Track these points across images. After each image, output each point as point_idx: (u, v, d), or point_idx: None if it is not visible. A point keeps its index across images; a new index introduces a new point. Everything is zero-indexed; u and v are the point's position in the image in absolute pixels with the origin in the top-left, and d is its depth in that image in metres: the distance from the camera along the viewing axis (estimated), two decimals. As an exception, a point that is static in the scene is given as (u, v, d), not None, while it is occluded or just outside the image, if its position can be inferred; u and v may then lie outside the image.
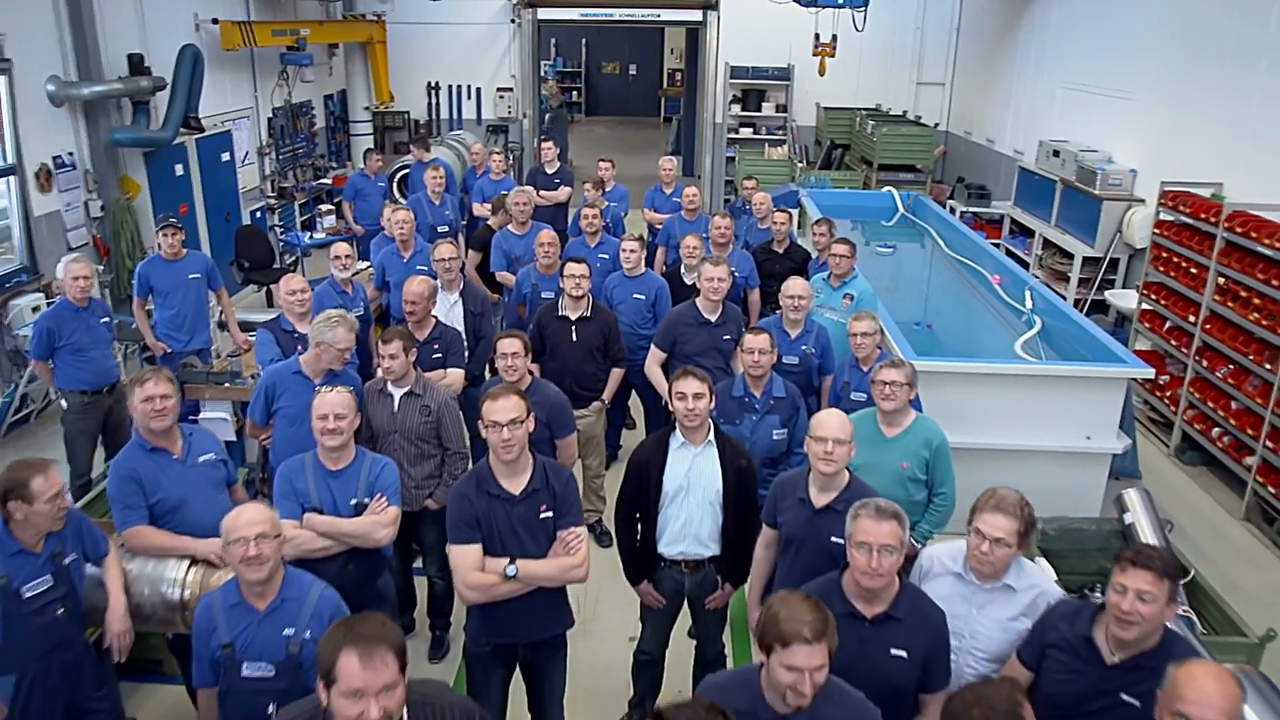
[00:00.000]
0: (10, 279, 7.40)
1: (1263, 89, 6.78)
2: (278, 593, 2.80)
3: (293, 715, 2.18)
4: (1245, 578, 5.55)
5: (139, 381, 3.53)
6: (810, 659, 2.20)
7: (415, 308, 4.82)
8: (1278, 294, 5.84)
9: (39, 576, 3.07)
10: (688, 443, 3.62)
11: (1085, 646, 2.59)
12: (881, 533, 2.65)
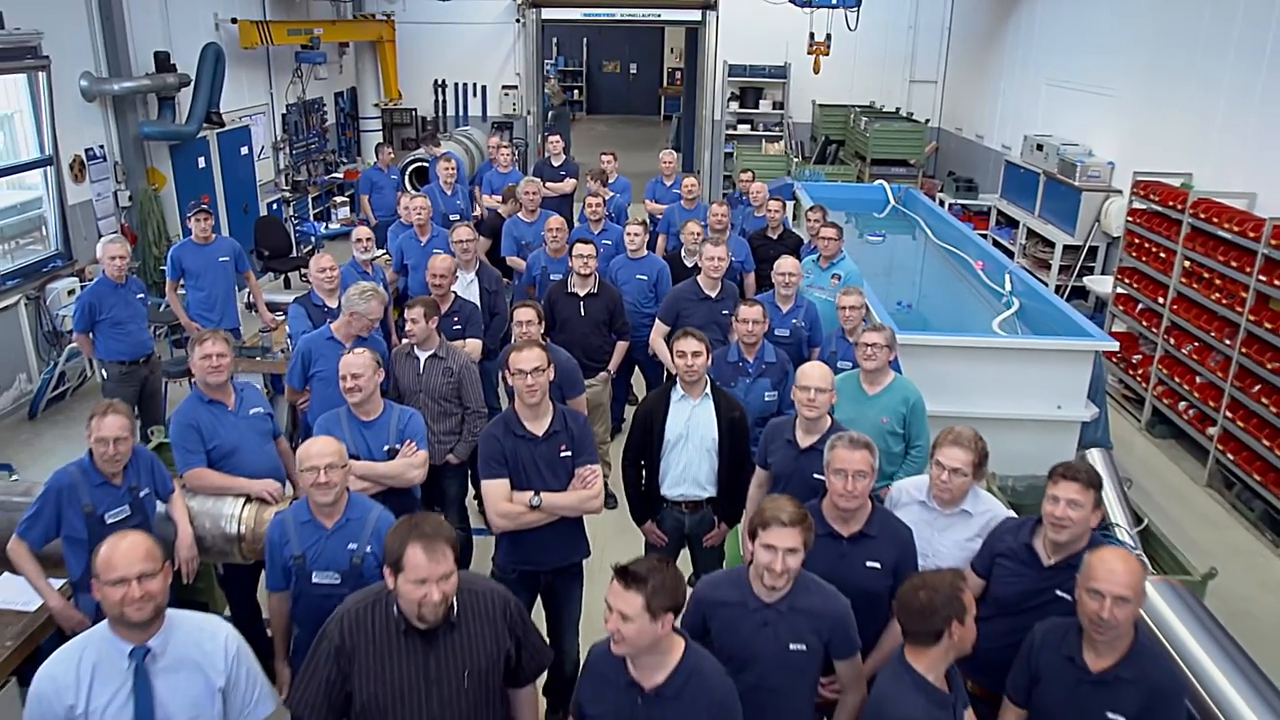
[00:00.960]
0: (47, 264, 7.83)
1: (1230, 83, 7.21)
2: (343, 513, 3.21)
3: (361, 598, 2.61)
4: (1203, 536, 5.99)
5: (199, 341, 3.97)
6: (783, 539, 2.62)
7: (441, 281, 5.26)
8: (1238, 275, 6.27)
9: (119, 505, 3.50)
10: (687, 396, 4.05)
11: (1026, 553, 3.02)
12: (854, 460, 3.08)
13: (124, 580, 2.35)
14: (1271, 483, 5.91)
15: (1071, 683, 2.60)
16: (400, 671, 2.49)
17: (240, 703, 2.54)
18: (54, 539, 3.48)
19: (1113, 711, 2.52)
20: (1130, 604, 2.47)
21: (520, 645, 2.67)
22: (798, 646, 2.73)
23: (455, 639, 2.53)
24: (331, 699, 2.53)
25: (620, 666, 2.46)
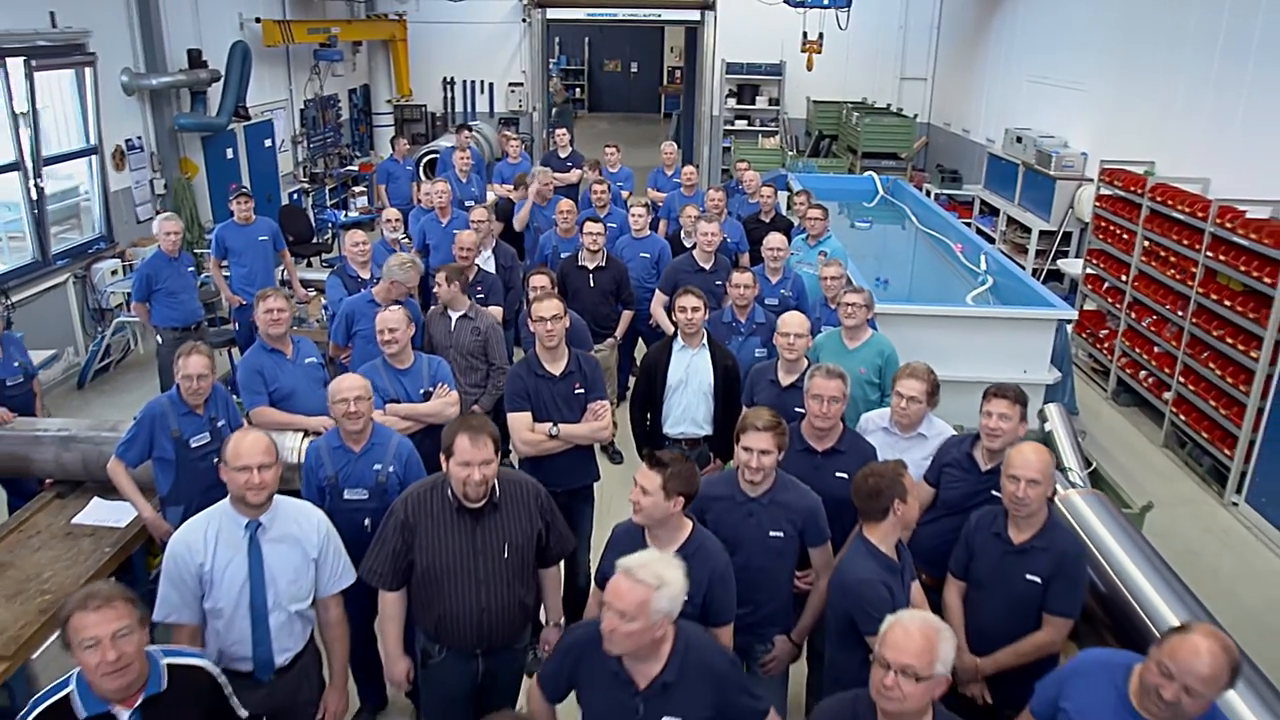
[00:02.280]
0: (92, 246, 8.43)
1: (1187, 76, 7.81)
2: (369, 439, 3.77)
3: (422, 483, 3.21)
4: (1155, 489, 6.54)
5: (262, 297, 4.58)
6: (758, 442, 3.21)
7: (468, 253, 5.88)
8: (1189, 252, 6.87)
9: (201, 432, 4.09)
10: (686, 346, 4.66)
11: (967, 460, 3.62)
12: (829, 387, 3.67)
13: (247, 468, 2.93)
14: (1218, 440, 6.50)
15: (999, 554, 3.20)
16: (453, 543, 3.08)
17: (328, 572, 3.13)
18: (146, 460, 4.08)
19: (1030, 574, 3.12)
20: (1040, 485, 3.07)
21: (549, 528, 3.27)
22: (776, 533, 3.33)
23: (497, 518, 3.13)
24: (396, 566, 3.13)
25: (639, 539, 3.05)
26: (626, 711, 2.49)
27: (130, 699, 2.36)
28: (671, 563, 2.51)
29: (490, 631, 3.15)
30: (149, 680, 2.40)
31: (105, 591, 2.35)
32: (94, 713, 2.33)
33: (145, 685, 2.39)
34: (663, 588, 2.41)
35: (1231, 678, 2.25)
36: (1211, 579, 5.46)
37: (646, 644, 2.45)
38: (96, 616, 2.28)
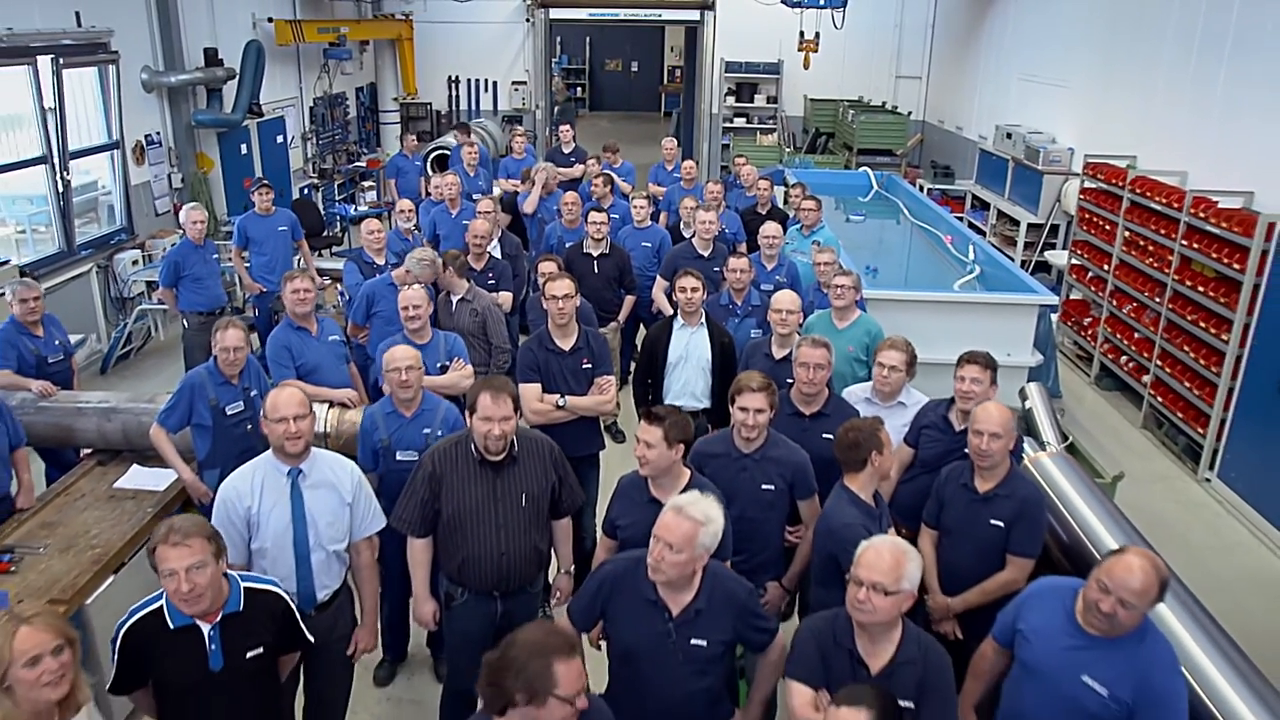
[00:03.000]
0: (113, 237, 8.76)
1: (1167, 72, 8.14)
2: (419, 405, 4.11)
3: (447, 439, 3.53)
4: (1133, 466, 6.87)
5: (289, 278, 4.90)
6: (752, 401, 3.54)
7: (481, 241, 6.22)
8: (1165, 241, 7.19)
9: (235, 400, 4.42)
10: (686, 325, 4.99)
11: (943, 422, 3.95)
12: (815, 355, 4.00)
13: (284, 419, 3.25)
14: (1192, 419, 6.83)
15: (965, 502, 3.53)
16: (475, 492, 3.41)
17: (360, 516, 3.46)
18: (185, 427, 4.40)
19: (994, 519, 3.44)
20: (1002, 438, 3.40)
21: (561, 482, 3.59)
22: (768, 486, 3.66)
23: (516, 470, 3.46)
24: (424, 514, 3.46)
25: (643, 488, 3.37)
26: (660, 635, 2.80)
27: (211, 615, 2.70)
28: (715, 504, 2.82)
29: (509, 573, 3.48)
30: (229, 600, 2.73)
31: (184, 528, 2.67)
32: (181, 624, 2.67)
33: (225, 604, 2.72)
34: (708, 524, 2.73)
35: (1160, 593, 2.58)
36: (1183, 549, 5.78)
37: (686, 575, 2.76)
38: (175, 552, 2.61)
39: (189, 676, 2.68)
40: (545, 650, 2.20)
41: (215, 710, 2.72)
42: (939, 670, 2.61)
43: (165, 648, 2.67)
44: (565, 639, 2.27)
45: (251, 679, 2.79)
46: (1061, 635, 2.71)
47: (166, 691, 2.74)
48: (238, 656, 2.73)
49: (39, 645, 2.27)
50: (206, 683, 2.69)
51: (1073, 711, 2.65)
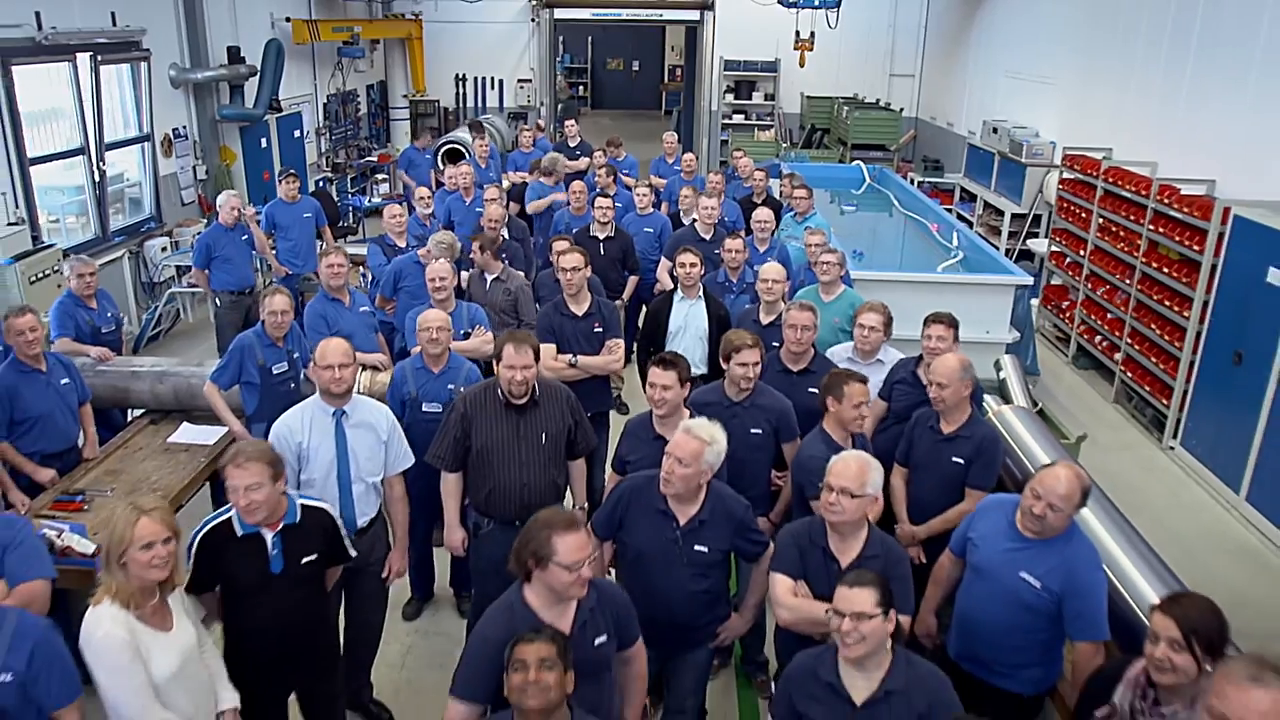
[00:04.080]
0: (144, 226, 9.25)
1: (1141, 68, 8.63)
2: (445, 363, 4.59)
3: (479, 384, 4.02)
4: (1105, 436, 7.39)
5: (325, 254, 5.40)
6: (750, 356, 4.02)
7: (495, 225, 6.72)
8: (1135, 226, 7.68)
9: (280, 361, 4.91)
10: (686, 297, 5.47)
11: (912, 377, 4.43)
12: (802, 318, 4.48)
13: (330, 366, 3.74)
14: (1158, 392, 7.31)
15: (931, 442, 4.01)
16: (500, 430, 3.90)
17: (393, 454, 3.94)
18: (236, 384, 4.89)
19: (955, 457, 3.92)
20: (949, 388, 3.87)
21: (577, 426, 4.07)
22: (756, 430, 4.14)
23: (537, 412, 3.94)
24: (456, 451, 3.94)
25: (649, 426, 3.86)
26: (668, 542, 3.29)
27: (272, 525, 3.18)
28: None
29: (529, 503, 3.93)
30: (287, 513, 3.21)
31: (249, 452, 3.15)
32: (247, 532, 3.15)
33: (284, 516, 3.20)
34: (713, 444, 3.24)
35: (1082, 498, 3.06)
36: (1146, 510, 6.22)
37: (692, 488, 3.25)
38: (237, 471, 3.09)
39: (253, 578, 3.16)
40: (549, 524, 2.70)
41: (274, 609, 3.19)
42: (898, 562, 3.10)
43: (233, 553, 3.14)
44: (566, 517, 2.76)
45: (305, 584, 3.27)
46: (1003, 540, 3.19)
47: (234, 592, 3.22)
48: (294, 562, 3.21)
49: (154, 534, 2.75)
50: (268, 584, 3.17)
51: (1012, 603, 3.13)
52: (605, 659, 2.84)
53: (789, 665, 2.80)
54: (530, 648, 2.44)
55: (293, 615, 3.23)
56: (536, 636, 2.49)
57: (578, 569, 2.66)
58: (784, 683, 2.76)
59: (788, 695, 2.71)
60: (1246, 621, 4.80)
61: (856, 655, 2.53)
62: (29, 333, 4.47)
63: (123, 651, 2.73)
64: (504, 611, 2.77)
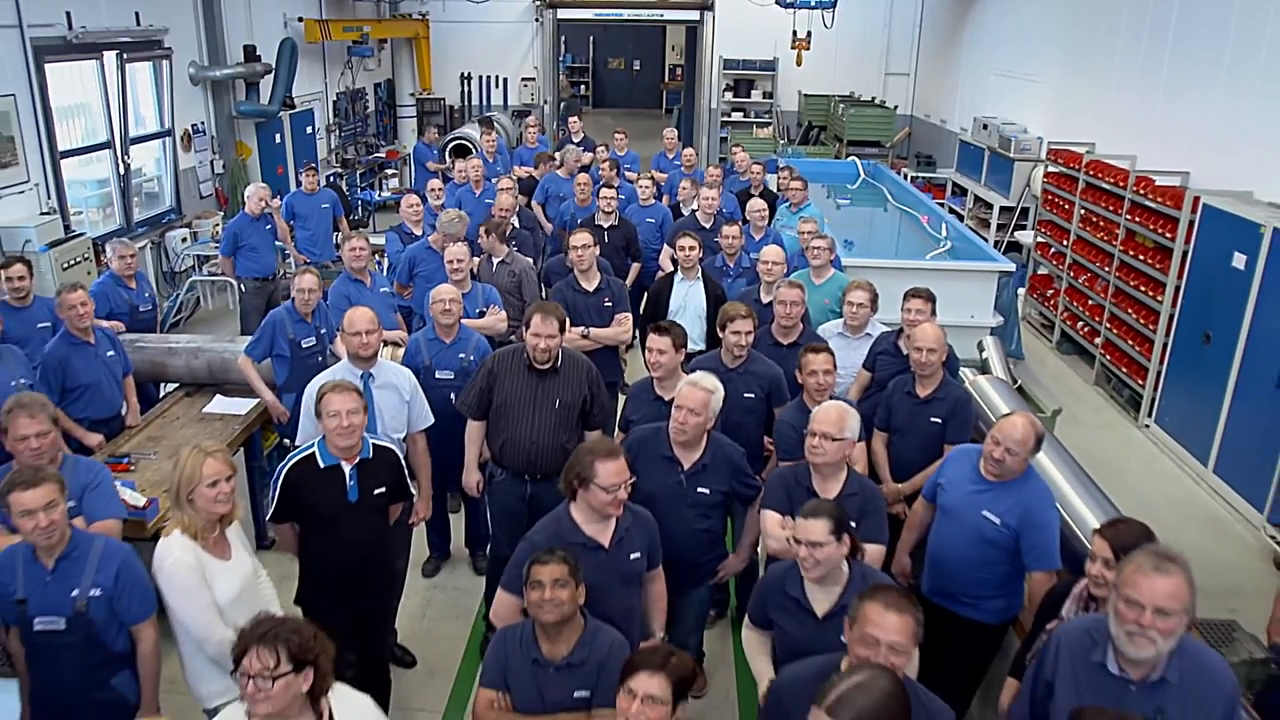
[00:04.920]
0: (165, 217, 9.64)
1: (1121, 65, 9.01)
2: (457, 334, 4.97)
3: (508, 347, 4.40)
4: (1086, 416, 7.79)
5: (349, 238, 5.78)
6: (743, 325, 4.39)
7: (505, 214, 7.10)
8: (1113, 216, 8.06)
9: (309, 335, 5.29)
10: (685, 278, 5.85)
11: (894, 348, 4.81)
12: (791, 294, 4.86)
13: (359, 332, 4.13)
14: (1134, 373, 7.70)
15: (910, 406, 4.39)
16: (520, 389, 4.27)
17: (415, 413, 4.33)
18: (267, 358, 5.27)
19: (933, 417, 4.30)
20: (936, 352, 4.26)
21: (593, 398, 4.41)
22: (749, 394, 4.52)
23: (556, 379, 4.31)
24: (481, 401, 4.32)
25: (650, 389, 4.24)
26: (673, 485, 3.68)
27: (350, 459, 3.58)
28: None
29: (537, 459, 4.30)
30: (362, 450, 3.62)
31: (345, 385, 3.60)
32: (329, 464, 3.56)
33: (360, 452, 3.61)
34: (715, 393, 3.66)
35: (1037, 444, 3.44)
36: (1121, 482, 6.60)
37: (700, 435, 3.65)
38: (339, 398, 3.50)
39: (331, 506, 3.55)
40: (593, 451, 3.12)
41: (348, 534, 3.59)
42: (873, 498, 3.49)
43: (315, 483, 3.55)
44: (609, 446, 3.17)
45: (374, 514, 3.68)
46: (968, 483, 3.57)
47: (313, 520, 3.61)
48: (367, 493, 3.61)
49: (218, 473, 3.12)
50: (344, 512, 3.57)
51: (977, 540, 3.50)
52: (637, 572, 3.27)
53: (764, 577, 3.20)
54: (545, 569, 2.79)
55: (363, 541, 3.63)
56: (550, 558, 2.82)
57: (614, 491, 3.07)
58: (758, 591, 3.17)
59: (762, 602, 3.11)
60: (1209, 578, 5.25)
61: (814, 577, 2.92)
62: (80, 307, 4.85)
63: (190, 575, 3.10)
64: (552, 522, 3.21)
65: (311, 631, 2.40)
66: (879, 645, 2.35)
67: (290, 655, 2.31)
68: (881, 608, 2.40)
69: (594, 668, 2.75)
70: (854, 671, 2.11)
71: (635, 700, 2.29)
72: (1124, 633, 2.35)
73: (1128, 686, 2.42)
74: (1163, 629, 2.31)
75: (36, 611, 2.95)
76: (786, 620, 3.01)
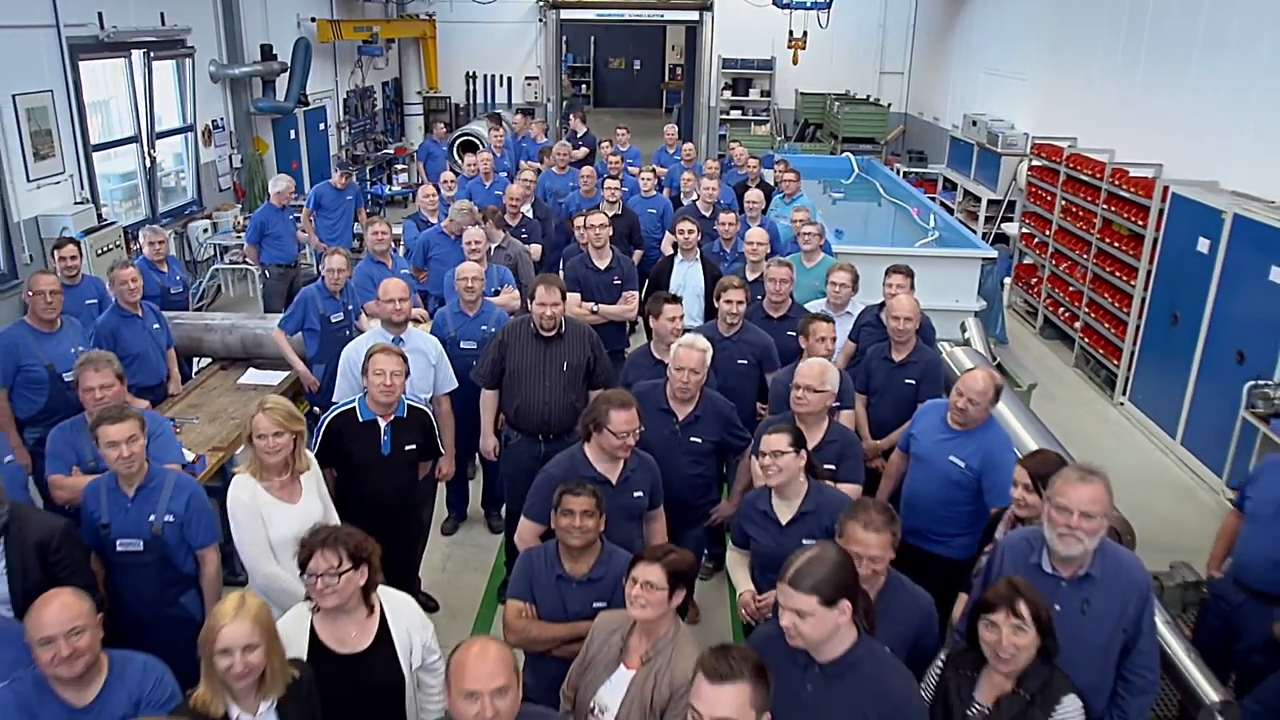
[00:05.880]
0: (186, 209, 10.07)
1: (1102, 61, 9.44)
2: (479, 309, 5.41)
3: (517, 318, 4.83)
4: (1065, 394, 8.23)
5: (372, 222, 6.22)
6: (736, 295, 4.83)
7: (516, 203, 7.54)
8: (1091, 207, 8.50)
9: (338, 311, 5.73)
10: (685, 259, 6.29)
11: (876, 320, 5.23)
12: (780, 273, 5.30)
13: (392, 300, 4.57)
14: (1110, 354, 8.13)
15: (887, 370, 4.82)
16: (530, 356, 4.70)
17: (441, 376, 4.78)
18: (299, 331, 5.71)
19: (907, 379, 4.73)
20: (912, 320, 4.69)
21: (596, 360, 4.85)
22: (742, 361, 4.95)
23: (561, 344, 4.74)
24: (494, 371, 4.75)
25: (649, 355, 4.67)
26: (669, 434, 4.13)
27: (387, 416, 4.03)
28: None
29: (550, 420, 4.73)
30: (397, 409, 4.07)
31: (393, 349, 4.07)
32: (366, 419, 4.02)
33: (395, 411, 4.05)
34: (707, 351, 4.10)
35: (995, 395, 3.87)
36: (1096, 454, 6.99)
37: (695, 391, 4.08)
38: (386, 359, 3.96)
39: (366, 457, 4.01)
40: (609, 400, 3.57)
41: (379, 483, 4.03)
42: (851, 444, 3.93)
43: (353, 434, 4.01)
44: (624, 397, 3.60)
45: (404, 467, 4.13)
46: (937, 433, 4.01)
47: (349, 467, 4.05)
48: (399, 448, 4.06)
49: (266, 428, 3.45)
50: (377, 463, 4.03)
51: (944, 482, 3.94)
52: (640, 508, 3.71)
53: (741, 502, 3.67)
54: (576, 500, 3.18)
55: (392, 491, 4.07)
56: (582, 490, 3.21)
57: (624, 437, 3.51)
58: (738, 515, 3.64)
59: (740, 523, 3.59)
60: (1173, 539, 5.71)
61: (776, 483, 3.38)
62: (130, 283, 5.29)
63: (243, 511, 3.50)
64: (568, 458, 3.66)
65: (363, 535, 2.82)
66: (861, 558, 2.79)
67: (349, 554, 2.73)
68: (861, 528, 2.87)
69: (611, 582, 3.17)
70: (807, 549, 2.56)
71: (636, 585, 2.72)
72: (1056, 535, 2.79)
73: (1060, 583, 2.85)
74: (1087, 529, 2.74)
75: (118, 534, 3.39)
76: (757, 531, 3.47)
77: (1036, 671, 2.58)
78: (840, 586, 2.40)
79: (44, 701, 2.47)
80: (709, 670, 2.13)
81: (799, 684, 2.47)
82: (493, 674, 2.22)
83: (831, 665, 2.46)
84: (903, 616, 2.90)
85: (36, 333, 4.86)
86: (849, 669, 2.45)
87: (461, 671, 2.23)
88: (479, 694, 2.20)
